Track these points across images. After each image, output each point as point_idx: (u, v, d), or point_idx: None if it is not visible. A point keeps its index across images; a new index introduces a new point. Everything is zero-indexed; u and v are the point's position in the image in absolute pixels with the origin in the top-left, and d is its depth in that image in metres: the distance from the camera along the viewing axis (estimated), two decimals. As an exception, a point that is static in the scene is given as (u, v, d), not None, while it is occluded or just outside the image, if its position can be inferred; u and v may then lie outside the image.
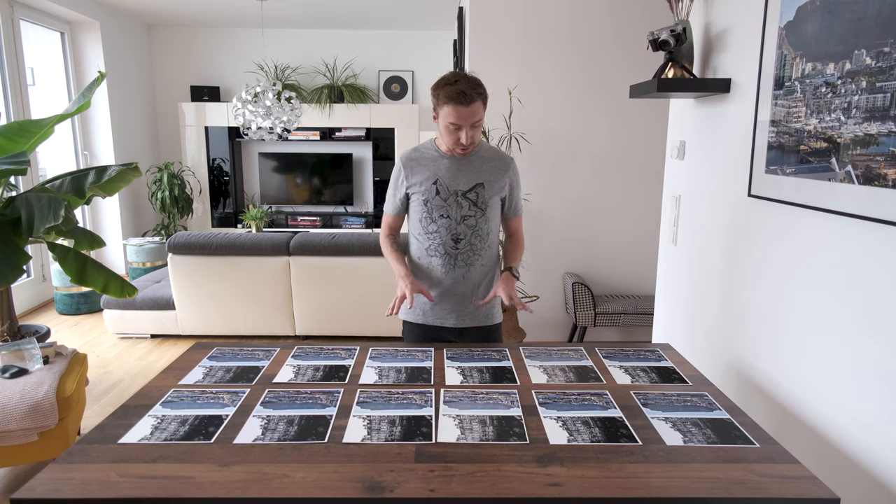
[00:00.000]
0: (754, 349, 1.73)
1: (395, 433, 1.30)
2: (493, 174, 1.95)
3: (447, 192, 1.92)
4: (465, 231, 1.94)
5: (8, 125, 2.89)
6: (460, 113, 1.77)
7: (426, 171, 1.93)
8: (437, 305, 2.00)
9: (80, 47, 5.56)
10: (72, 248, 2.92)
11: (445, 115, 1.80)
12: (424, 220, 1.95)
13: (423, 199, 1.93)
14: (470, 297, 2.00)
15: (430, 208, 1.93)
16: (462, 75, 1.80)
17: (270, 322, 4.07)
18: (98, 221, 5.94)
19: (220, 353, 1.79)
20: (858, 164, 1.28)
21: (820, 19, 1.41)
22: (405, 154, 1.99)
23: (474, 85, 1.78)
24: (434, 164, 1.94)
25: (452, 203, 1.92)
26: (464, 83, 1.77)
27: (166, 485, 1.11)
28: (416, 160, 1.96)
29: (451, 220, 1.93)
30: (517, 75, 3.79)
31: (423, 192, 1.93)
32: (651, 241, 4.01)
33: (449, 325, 2.01)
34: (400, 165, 1.97)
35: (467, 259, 1.96)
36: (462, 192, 1.92)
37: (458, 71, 1.84)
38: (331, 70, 6.71)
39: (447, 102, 1.77)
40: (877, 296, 1.26)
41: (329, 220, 6.84)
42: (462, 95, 1.75)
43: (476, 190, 1.93)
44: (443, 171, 1.93)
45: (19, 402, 2.28)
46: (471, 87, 1.76)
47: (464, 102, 1.76)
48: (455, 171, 1.93)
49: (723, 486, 1.12)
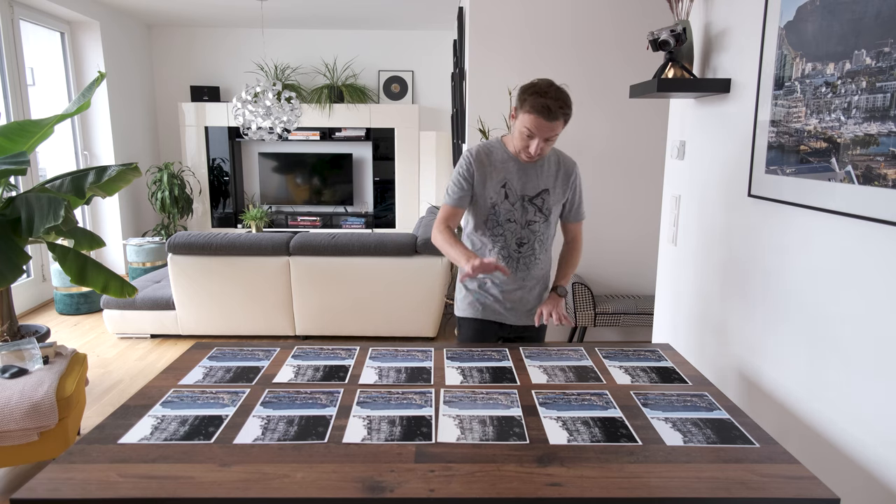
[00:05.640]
0: (754, 349, 1.73)
1: (395, 433, 1.30)
2: (558, 180, 1.96)
3: (515, 197, 1.93)
4: (530, 236, 1.96)
5: (8, 125, 2.89)
6: (539, 125, 1.76)
7: (496, 173, 1.92)
8: (497, 303, 2.02)
9: (80, 47, 5.56)
10: (72, 248, 2.92)
11: (524, 120, 1.78)
12: (490, 222, 1.95)
13: (490, 202, 1.93)
14: (527, 298, 2.03)
15: (497, 212, 1.93)
16: (554, 88, 1.76)
17: (270, 322, 4.07)
18: (98, 221, 5.94)
19: (220, 353, 1.79)
20: (858, 164, 1.28)
21: (820, 19, 1.41)
22: (476, 150, 1.94)
23: (562, 103, 1.75)
24: (504, 166, 1.92)
25: (519, 208, 1.93)
26: (553, 98, 1.74)
27: (166, 485, 1.11)
28: (487, 159, 1.93)
29: (517, 224, 1.94)
30: (517, 75, 3.79)
31: (492, 196, 1.93)
32: (651, 241, 4.00)
33: (504, 322, 2.05)
34: (470, 160, 1.93)
35: (528, 262, 1.99)
36: (529, 198, 1.93)
37: (551, 82, 1.78)
38: (331, 70, 6.70)
39: (530, 111, 1.75)
40: (877, 295, 1.26)
41: (329, 220, 6.84)
42: (547, 110, 1.73)
43: (542, 196, 1.94)
44: (512, 175, 1.92)
45: (19, 402, 2.28)
46: (557, 105, 1.74)
47: (546, 117, 1.74)
48: (523, 175, 1.93)
49: (723, 486, 1.12)
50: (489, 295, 2.01)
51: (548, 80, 1.80)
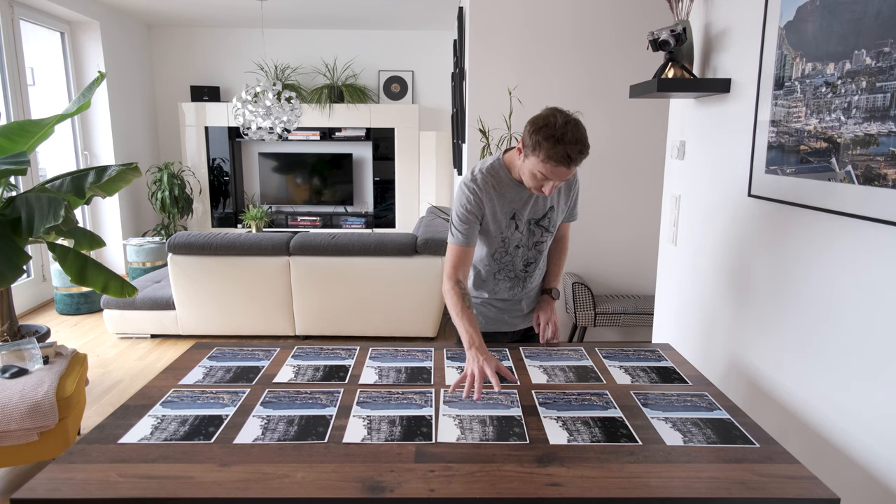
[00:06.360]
0: (754, 349, 1.73)
1: (395, 433, 1.30)
2: (561, 195, 1.89)
3: (524, 224, 1.85)
4: (536, 255, 1.92)
5: (8, 125, 2.89)
6: (558, 173, 1.59)
7: (505, 203, 1.79)
8: (499, 312, 2.00)
9: (80, 47, 5.56)
10: (72, 248, 2.92)
11: (539, 166, 1.59)
12: (499, 252, 1.88)
13: (501, 236, 1.83)
14: (527, 302, 2.02)
15: (506, 242, 1.86)
16: (570, 128, 1.54)
17: (270, 322, 4.07)
18: (98, 221, 5.94)
19: (220, 353, 1.79)
20: (858, 164, 1.28)
21: (820, 19, 1.41)
22: (482, 180, 1.77)
23: (581, 146, 1.55)
24: (511, 194, 1.79)
25: (526, 233, 1.87)
26: (572, 144, 1.53)
27: (166, 485, 1.11)
28: (495, 191, 1.78)
29: (524, 248, 1.89)
30: (517, 75, 3.79)
31: (502, 229, 1.82)
32: (651, 241, 4.00)
33: (506, 330, 2.03)
34: (477, 192, 1.76)
35: (531, 275, 1.96)
36: (536, 221, 1.86)
37: (566, 117, 1.57)
38: (331, 70, 6.71)
39: (546, 160, 1.56)
40: (877, 295, 1.26)
41: (329, 220, 6.84)
42: (567, 160, 1.55)
43: (548, 216, 1.87)
44: (519, 205, 1.81)
45: (19, 402, 2.28)
46: (577, 151, 1.54)
47: (567, 165, 1.57)
48: (531, 201, 1.82)
49: (723, 486, 1.12)
50: (492, 307, 1.99)
51: (562, 117, 1.57)
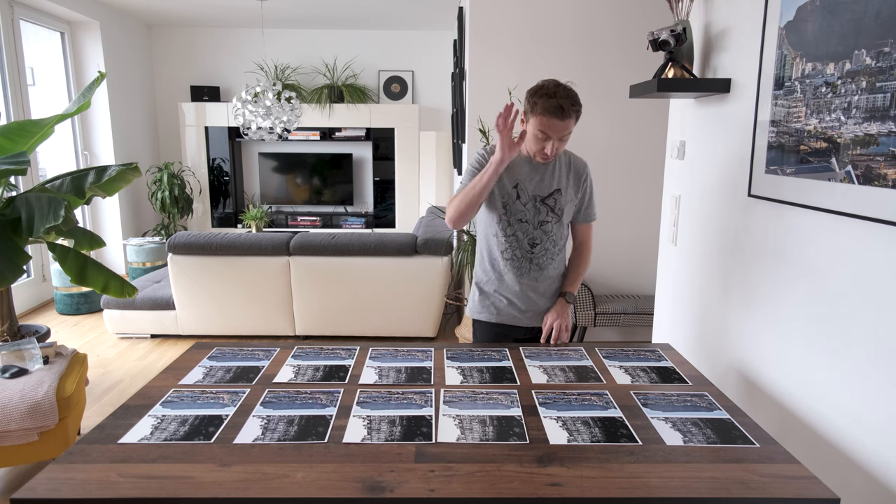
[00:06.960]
0: (754, 349, 1.73)
1: (395, 433, 1.30)
2: (570, 180, 1.98)
3: (527, 197, 1.94)
4: (542, 236, 1.97)
5: (8, 125, 2.89)
6: (553, 125, 1.78)
7: (508, 173, 1.93)
8: (510, 306, 2.02)
9: (80, 47, 5.56)
10: (72, 248, 2.92)
11: (537, 123, 1.80)
12: (503, 223, 1.96)
13: (502, 202, 1.95)
14: (542, 299, 2.03)
15: (509, 212, 1.95)
16: (561, 87, 1.79)
17: (270, 322, 4.07)
18: (98, 221, 5.94)
19: (220, 353, 1.79)
20: (858, 164, 1.28)
21: (820, 19, 1.41)
22: (491, 148, 1.95)
23: (572, 101, 1.78)
24: (515, 166, 1.94)
25: (531, 208, 1.94)
26: (563, 97, 1.77)
27: (166, 485, 1.11)
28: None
29: (529, 224, 1.95)
30: (517, 75, 3.79)
31: (504, 196, 1.94)
32: (651, 241, 4.00)
33: (521, 325, 2.04)
34: (486, 154, 1.95)
35: (541, 263, 1.99)
36: (541, 198, 1.95)
37: (557, 81, 1.82)
38: (331, 70, 6.70)
39: (542, 113, 1.77)
40: (877, 295, 1.26)
41: (329, 220, 6.84)
42: (559, 110, 1.76)
43: (554, 196, 1.96)
44: (524, 176, 1.94)
45: (19, 402, 2.28)
46: (569, 104, 1.77)
47: (560, 116, 1.77)
48: (535, 175, 1.94)
49: (723, 486, 1.12)
50: (503, 297, 2.02)
51: (554, 80, 1.82)
